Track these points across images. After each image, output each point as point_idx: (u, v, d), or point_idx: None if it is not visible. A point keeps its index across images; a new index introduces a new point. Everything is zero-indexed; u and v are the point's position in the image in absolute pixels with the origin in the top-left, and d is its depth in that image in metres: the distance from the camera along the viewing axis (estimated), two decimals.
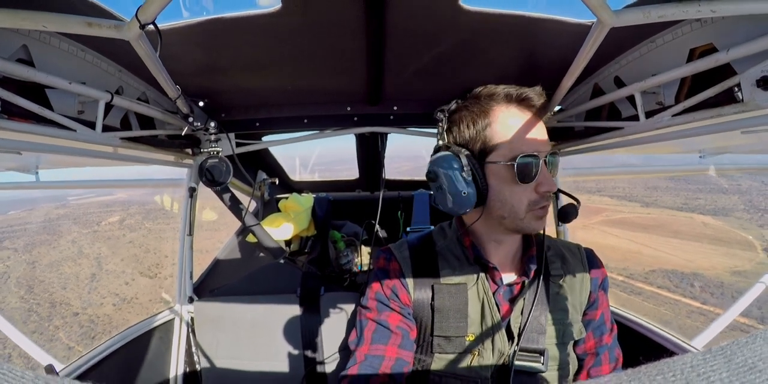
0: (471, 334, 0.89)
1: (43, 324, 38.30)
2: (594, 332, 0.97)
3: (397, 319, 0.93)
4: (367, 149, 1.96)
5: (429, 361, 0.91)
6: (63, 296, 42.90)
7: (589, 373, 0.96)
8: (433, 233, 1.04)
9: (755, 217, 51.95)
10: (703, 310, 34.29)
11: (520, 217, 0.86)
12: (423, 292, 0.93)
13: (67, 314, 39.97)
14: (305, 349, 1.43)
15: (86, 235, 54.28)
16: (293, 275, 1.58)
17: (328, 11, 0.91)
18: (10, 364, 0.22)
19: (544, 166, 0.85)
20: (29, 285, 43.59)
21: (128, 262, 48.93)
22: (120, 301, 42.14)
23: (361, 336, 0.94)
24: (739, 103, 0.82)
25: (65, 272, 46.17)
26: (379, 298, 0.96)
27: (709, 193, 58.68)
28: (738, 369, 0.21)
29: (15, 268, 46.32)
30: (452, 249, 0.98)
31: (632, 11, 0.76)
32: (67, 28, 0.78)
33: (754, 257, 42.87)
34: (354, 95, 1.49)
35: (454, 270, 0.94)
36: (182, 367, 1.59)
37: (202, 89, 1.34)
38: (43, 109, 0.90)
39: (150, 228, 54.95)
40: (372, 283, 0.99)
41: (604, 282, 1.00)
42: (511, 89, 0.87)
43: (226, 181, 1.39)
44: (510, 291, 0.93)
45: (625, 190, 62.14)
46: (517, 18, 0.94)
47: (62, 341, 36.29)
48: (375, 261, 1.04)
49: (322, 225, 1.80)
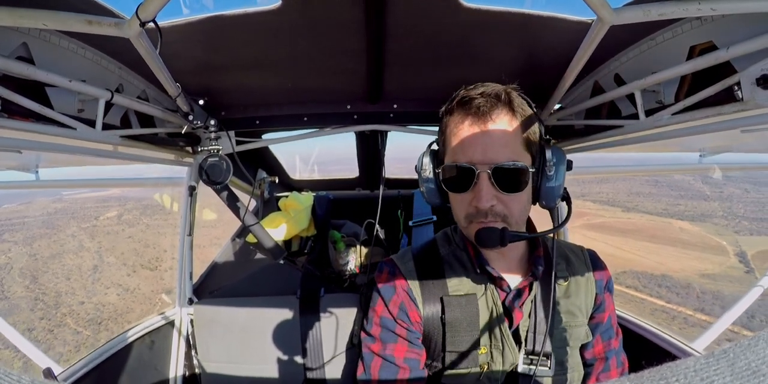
0: (483, 346, 0.86)
1: (50, 311, 39.22)
2: (602, 336, 0.95)
3: (404, 350, 0.89)
4: (367, 147, 1.96)
5: (440, 376, 0.89)
6: (68, 286, 43.91)
7: (598, 379, 0.94)
8: (437, 240, 1.01)
9: (732, 223, 53.59)
10: (666, 308, 36.29)
11: (464, 225, 0.84)
12: (432, 306, 0.89)
13: (73, 302, 41.04)
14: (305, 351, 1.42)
15: (85, 230, 55.04)
16: (293, 276, 1.58)
17: (328, 9, 0.91)
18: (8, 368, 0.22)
19: (486, 178, 0.77)
20: (33, 275, 44.55)
21: (129, 255, 49.81)
22: (123, 291, 43.24)
23: (368, 372, 0.90)
24: (738, 101, 0.82)
25: (68, 264, 47.08)
26: (385, 324, 0.91)
27: (690, 199, 60.44)
28: (741, 373, 0.21)
29: (17, 259, 47.07)
30: (458, 256, 0.94)
31: (632, 9, 0.76)
32: (68, 26, 0.78)
33: (725, 261, 44.40)
34: (354, 93, 1.49)
35: (461, 280, 0.90)
36: (182, 369, 1.59)
37: (202, 87, 1.34)
38: (43, 108, 0.90)
39: (148, 223, 55.55)
40: (375, 304, 0.94)
41: (609, 283, 0.98)
42: (470, 91, 0.81)
43: (226, 179, 1.39)
44: (518, 294, 0.89)
45: (608, 195, 63.74)
46: (517, 15, 0.94)
47: (70, 326, 37.28)
48: (378, 275, 0.97)
49: (322, 224, 1.80)
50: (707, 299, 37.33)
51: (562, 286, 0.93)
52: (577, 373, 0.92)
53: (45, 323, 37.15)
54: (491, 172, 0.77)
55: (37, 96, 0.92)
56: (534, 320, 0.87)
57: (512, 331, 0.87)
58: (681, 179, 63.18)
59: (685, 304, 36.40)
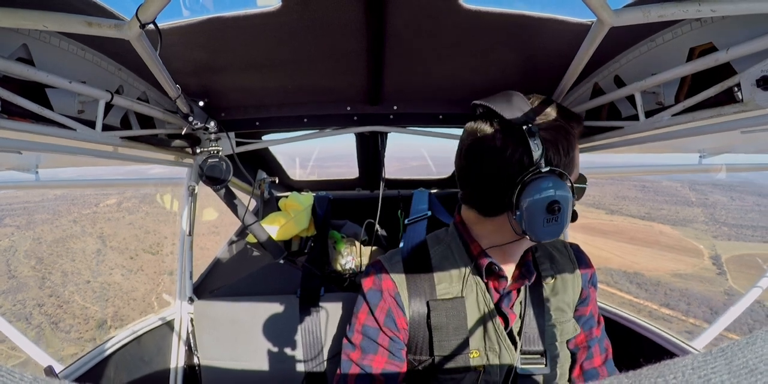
0: (474, 350, 0.86)
1: (57, 289, 40.56)
2: (584, 326, 0.97)
3: (383, 361, 0.88)
4: (367, 148, 1.96)
5: (431, 380, 0.88)
6: (73, 267, 45.27)
7: (582, 366, 0.97)
8: (428, 242, 0.99)
9: (712, 228, 55.10)
10: (633, 302, 37.98)
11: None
12: (418, 309, 0.88)
13: (80, 281, 42.53)
14: (305, 350, 1.42)
15: (86, 216, 56.07)
16: (293, 276, 1.58)
17: (328, 10, 0.91)
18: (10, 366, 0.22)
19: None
20: (38, 257, 45.83)
21: (130, 240, 51.14)
22: (127, 271, 44.74)
23: (342, 380, 0.90)
24: (738, 102, 0.82)
25: (72, 247, 48.34)
26: (366, 333, 0.90)
27: (674, 204, 61.94)
28: (739, 371, 0.21)
29: (21, 242, 48.13)
30: (449, 257, 0.93)
31: (632, 10, 0.76)
32: (68, 28, 0.78)
33: (699, 263, 45.87)
34: (354, 95, 1.49)
35: (451, 282, 0.90)
36: (182, 368, 1.59)
37: (202, 88, 1.34)
38: (43, 109, 0.90)
39: (148, 211, 56.44)
40: (359, 311, 0.93)
41: (593, 277, 1.00)
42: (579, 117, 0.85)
43: (226, 180, 1.39)
44: (509, 297, 0.90)
45: (594, 198, 65.24)
46: (517, 17, 0.94)
47: (78, 303, 38.81)
48: (364, 278, 0.96)
49: (322, 224, 1.80)
50: (674, 296, 38.93)
51: (549, 284, 0.94)
52: (568, 365, 0.95)
53: (54, 300, 38.68)
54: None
55: (37, 97, 0.92)
56: (526, 320, 0.88)
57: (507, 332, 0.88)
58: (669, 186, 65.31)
59: (651, 300, 38.03)
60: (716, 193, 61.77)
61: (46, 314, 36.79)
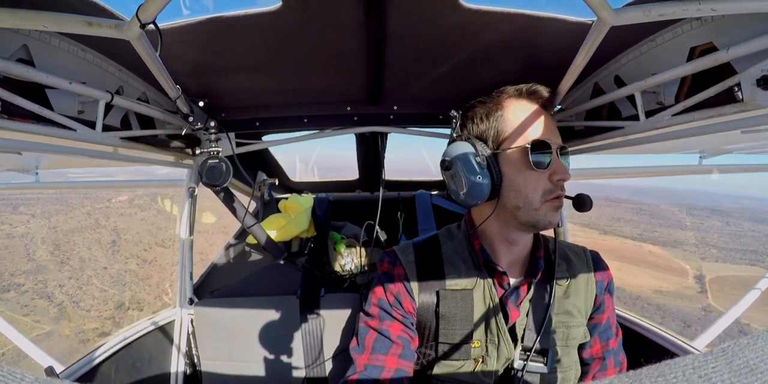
0: (477, 341, 0.88)
1: (76, 272, 42.89)
2: (600, 336, 0.96)
3: (399, 328, 0.92)
4: (367, 149, 1.96)
5: (432, 368, 0.90)
6: (90, 254, 47.47)
7: (595, 377, 0.96)
8: (440, 235, 1.03)
9: (701, 250, 56.74)
10: None
11: (535, 207, 0.84)
12: (428, 297, 0.91)
13: (97, 267, 45.04)
14: (306, 350, 1.42)
15: (100, 210, 57.95)
16: (293, 277, 1.58)
17: (329, 10, 0.91)
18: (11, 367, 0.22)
19: (556, 155, 0.86)
20: (56, 244, 47.83)
21: (143, 234, 53.40)
22: (142, 261, 47.10)
23: (361, 344, 0.93)
24: (739, 102, 0.82)
25: (87, 237, 50.46)
26: (382, 306, 0.94)
27: (668, 227, 63.57)
28: (739, 370, 0.21)
29: (37, 230, 49.78)
30: (459, 252, 0.96)
31: (632, 10, 0.76)
32: (68, 28, 0.78)
33: (682, 282, 47.32)
34: (354, 95, 1.49)
35: (460, 274, 0.92)
36: (182, 369, 1.59)
37: (202, 89, 1.34)
38: (43, 109, 0.90)
39: (159, 209, 57.86)
40: (375, 288, 0.98)
41: (609, 285, 0.99)
42: (521, 85, 0.90)
43: (226, 181, 1.39)
44: (517, 293, 0.91)
45: (590, 218, 66.90)
46: (517, 16, 0.94)
47: (96, 285, 41.16)
48: (379, 264, 1.01)
49: (322, 226, 1.80)
50: (650, 309, 40.40)
51: (562, 286, 0.94)
52: (574, 372, 0.94)
53: (74, 282, 41.31)
54: (559, 150, 0.88)
55: (37, 97, 0.92)
56: (531, 318, 0.88)
57: (509, 327, 0.88)
58: (666, 210, 66.03)
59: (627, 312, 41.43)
60: (713, 218, 63.56)
61: (67, 294, 38.94)
